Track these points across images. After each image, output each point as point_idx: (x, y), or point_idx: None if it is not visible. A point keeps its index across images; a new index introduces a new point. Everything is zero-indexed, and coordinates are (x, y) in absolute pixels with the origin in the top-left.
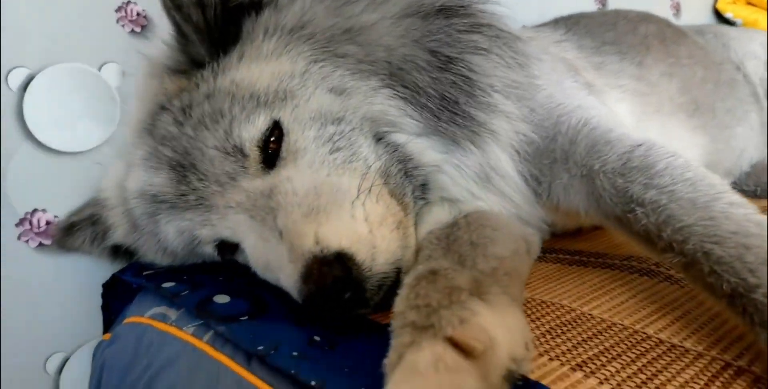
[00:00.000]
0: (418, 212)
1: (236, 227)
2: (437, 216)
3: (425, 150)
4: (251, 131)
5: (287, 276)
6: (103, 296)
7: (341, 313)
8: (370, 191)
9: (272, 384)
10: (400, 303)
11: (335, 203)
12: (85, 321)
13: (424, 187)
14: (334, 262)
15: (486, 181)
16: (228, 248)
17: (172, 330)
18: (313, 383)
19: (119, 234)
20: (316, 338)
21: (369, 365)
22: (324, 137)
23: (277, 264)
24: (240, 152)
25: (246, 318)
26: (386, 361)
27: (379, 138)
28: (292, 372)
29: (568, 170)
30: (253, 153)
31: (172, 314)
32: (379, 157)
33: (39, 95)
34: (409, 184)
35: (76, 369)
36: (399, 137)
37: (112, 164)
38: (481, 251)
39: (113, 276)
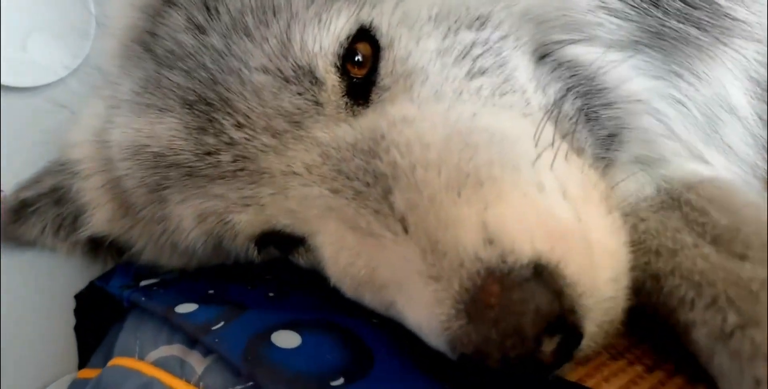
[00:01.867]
0: None
1: (304, 208)
2: (626, 188)
3: (629, 74)
4: (325, 40)
5: (421, 306)
6: (78, 312)
7: (537, 374)
8: (554, 144)
9: None
10: None
11: (505, 164)
12: (52, 349)
13: (610, 139)
14: (533, 282)
15: (712, 129)
16: (281, 242)
17: None
18: None
19: (99, 219)
20: None
21: None
22: (455, 51)
23: (396, 279)
24: (309, 75)
25: (341, 381)
26: None
27: (542, 54)
28: None
29: None
30: (331, 78)
31: (196, 361)
32: (543, 87)
33: None
34: (589, 134)
35: None
36: (584, 52)
37: (86, 104)
38: None
39: (91, 284)
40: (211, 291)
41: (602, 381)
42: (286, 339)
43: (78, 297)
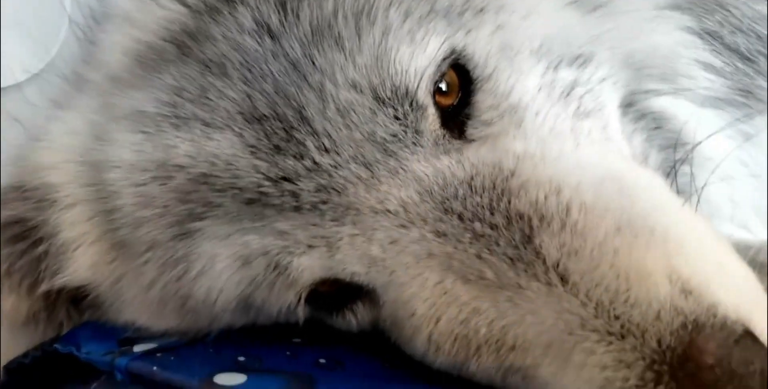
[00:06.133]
0: None
1: (390, 255)
2: None
3: (709, 131)
4: (422, 60)
5: (592, 369)
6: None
7: None
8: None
9: None
10: None
11: (666, 210)
12: None
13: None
14: (749, 340)
15: (762, 196)
16: (334, 297)
17: None
18: None
19: (83, 264)
20: None
21: None
22: (558, 88)
23: (545, 338)
24: (408, 98)
25: None
26: None
27: (627, 103)
28: None
29: None
30: (432, 104)
31: None
32: (629, 136)
33: None
34: None
35: None
36: (670, 104)
37: (50, 119)
38: None
39: (42, 350)
40: (241, 358)
41: None
42: None
43: (8, 370)
